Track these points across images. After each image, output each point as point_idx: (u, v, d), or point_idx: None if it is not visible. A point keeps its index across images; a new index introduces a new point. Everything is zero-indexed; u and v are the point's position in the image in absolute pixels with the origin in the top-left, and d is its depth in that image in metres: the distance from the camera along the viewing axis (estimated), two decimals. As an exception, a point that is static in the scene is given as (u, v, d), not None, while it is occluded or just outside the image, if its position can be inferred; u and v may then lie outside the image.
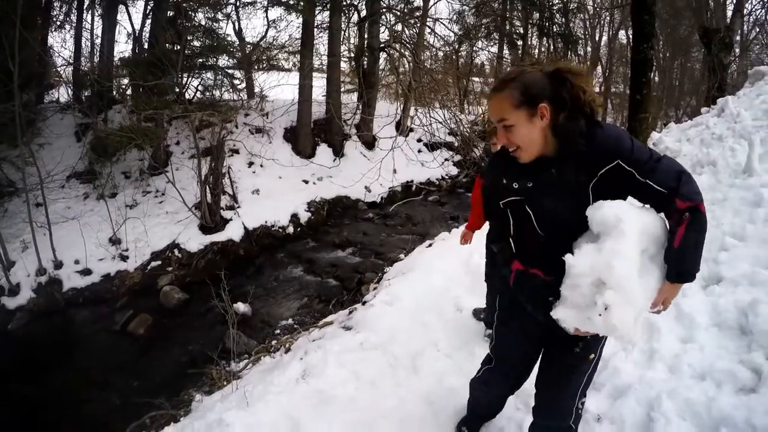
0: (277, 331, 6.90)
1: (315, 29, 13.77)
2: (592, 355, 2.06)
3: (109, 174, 10.44)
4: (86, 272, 8.59)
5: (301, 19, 13.66)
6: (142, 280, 8.75)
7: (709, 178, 5.27)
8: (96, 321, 7.84)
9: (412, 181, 13.72)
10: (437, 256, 5.12)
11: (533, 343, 2.24)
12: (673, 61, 21.45)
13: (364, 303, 5.29)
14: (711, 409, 2.55)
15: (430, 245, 6.98)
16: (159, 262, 9.08)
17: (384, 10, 14.18)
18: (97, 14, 13.90)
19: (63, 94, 13.60)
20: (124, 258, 8.97)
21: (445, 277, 4.16)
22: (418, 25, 15.06)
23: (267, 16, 15.72)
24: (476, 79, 19.52)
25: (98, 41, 13.69)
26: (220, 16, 13.19)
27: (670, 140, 6.44)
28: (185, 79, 11.14)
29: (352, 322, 4.60)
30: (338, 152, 13.40)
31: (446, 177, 14.45)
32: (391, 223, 11.73)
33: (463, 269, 5.16)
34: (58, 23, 13.68)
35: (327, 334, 4.58)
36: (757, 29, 17.38)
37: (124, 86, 12.20)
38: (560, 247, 1.82)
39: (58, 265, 8.51)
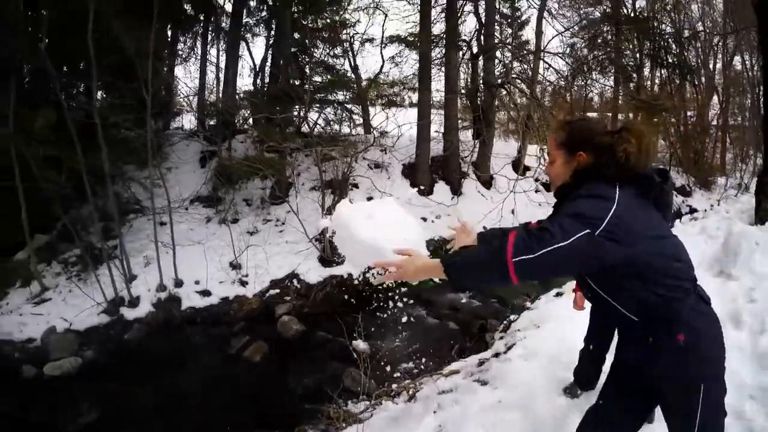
0: (397, 374, 6.48)
1: (432, 66, 13.52)
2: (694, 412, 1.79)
3: (231, 200, 10.48)
4: (205, 293, 8.51)
5: (417, 56, 13.47)
6: (259, 307, 8.55)
7: None
8: (211, 342, 7.71)
9: (530, 223, 12.69)
10: (571, 308, 4.42)
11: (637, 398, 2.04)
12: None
13: (497, 355, 4.79)
14: None
15: (559, 294, 6.37)
16: (277, 291, 8.87)
17: (499, 45, 13.69)
18: (221, 49, 14.46)
19: (187, 122, 14.22)
20: (243, 283, 8.84)
21: (582, 331, 3.55)
22: (532, 59, 14.42)
23: (382, 53, 15.72)
24: (592, 114, 18.42)
25: (222, 74, 14.14)
26: (338, 51, 13.29)
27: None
28: (308, 113, 11.22)
29: (488, 376, 4.16)
30: (456, 190, 12.80)
31: None
32: None
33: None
34: (184, 57, 14.38)
35: (460, 386, 4.13)
36: None
37: (249, 117, 12.39)
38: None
39: (179, 283, 8.47)
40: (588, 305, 3.22)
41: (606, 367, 3.30)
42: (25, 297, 8.13)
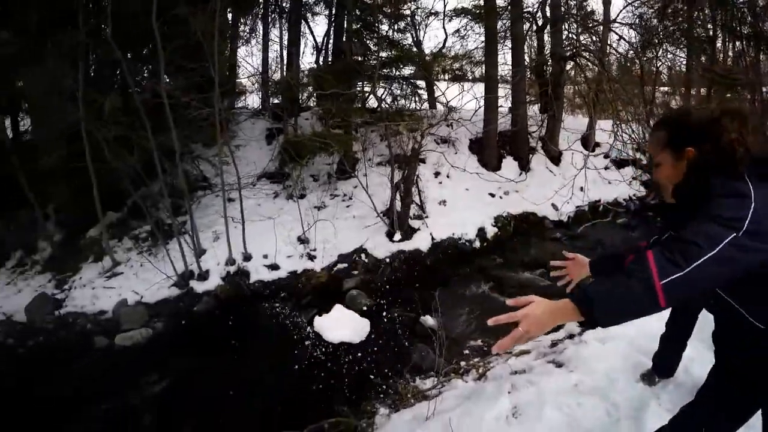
0: (465, 351, 6.12)
1: (498, 38, 12.91)
2: None
3: (298, 176, 10.32)
4: (274, 267, 8.25)
5: (482, 29, 12.97)
6: (327, 281, 8.21)
7: None
8: (280, 315, 7.41)
9: (599, 201, 12.00)
10: None
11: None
12: None
13: (571, 336, 4.83)
14: None
15: None
16: (345, 265, 8.50)
17: (565, 16, 13.09)
18: (284, 29, 14.33)
19: (252, 101, 14.27)
20: (311, 257, 8.52)
21: (661, 317, 3.10)
22: (601, 30, 13.50)
23: (445, 27, 15.28)
24: (663, 88, 17.23)
25: (285, 53, 14.15)
26: (402, 25, 12.99)
27: None
28: (376, 89, 10.91)
29: (563, 357, 4.13)
30: (524, 166, 12.20)
31: (634, 198, 12.50)
32: (579, 245, 10.14)
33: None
34: (245, 38, 14.47)
35: (534, 368, 4.12)
36: None
37: (313, 93, 12.14)
38: None
39: (247, 257, 8.25)
40: None
41: (686, 354, 3.39)
42: (98, 271, 8.13)
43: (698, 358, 3.39)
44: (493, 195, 11.13)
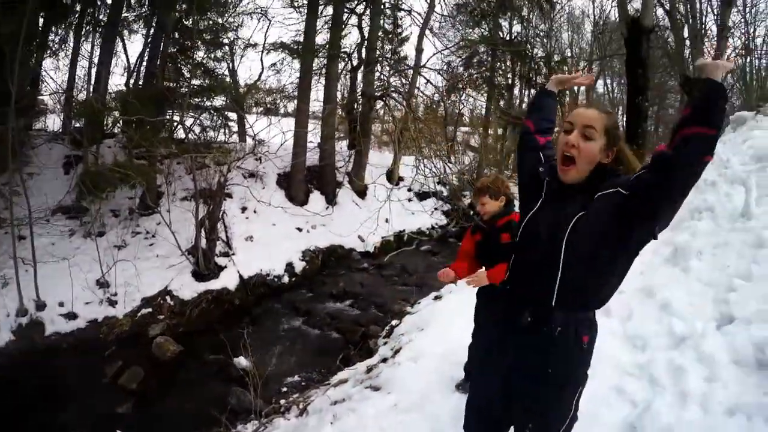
0: (284, 389, 6.63)
1: (313, 75, 14.29)
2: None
3: (98, 211, 10.23)
4: (71, 316, 8.21)
5: (298, 65, 14.19)
6: (131, 328, 8.36)
7: (708, 224, 5.56)
8: (82, 371, 7.24)
9: (403, 231, 13.97)
10: (454, 311, 5.21)
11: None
12: (649, 107, 22.75)
13: (384, 360, 5.28)
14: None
15: (438, 298, 7.10)
16: (150, 309, 8.74)
17: (379, 59, 14.88)
18: (96, 44, 13.92)
19: (51, 123, 13.76)
20: (112, 303, 8.64)
21: (466, 332, 3.94)
22: (411, 74, 15.74)
23: (262, 59, 16.35)
24: (464, 128, 20.80)
25: (93, 71, 13.74)
26: (219, 54, 13.42)
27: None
28: (184, 118, 11.22)
29: (380, 381, 4.51)
30: (331, 200, 13.68)
31: (436, 227, 14.91)
32: (386, 273, 11.73)
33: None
34: (54, 49, 13.50)
35: (353, 395, 4.46)
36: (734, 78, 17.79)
37: (119, 119, 11.57)
38: None
39: (41, 306, 8.08)
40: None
41: None
42: None
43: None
44: (300, 229, 12.39)
